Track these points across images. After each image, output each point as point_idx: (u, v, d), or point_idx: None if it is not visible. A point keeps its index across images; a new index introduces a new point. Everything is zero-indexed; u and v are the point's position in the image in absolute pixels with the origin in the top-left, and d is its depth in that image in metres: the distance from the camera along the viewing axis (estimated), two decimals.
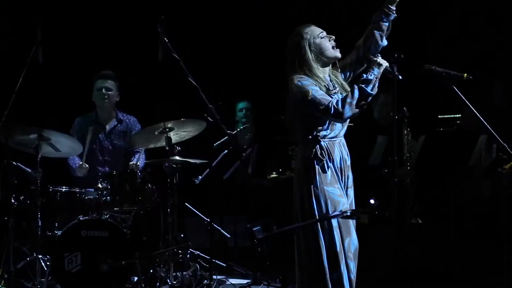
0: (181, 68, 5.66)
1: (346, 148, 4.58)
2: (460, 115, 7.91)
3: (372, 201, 6.03)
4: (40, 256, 5.76)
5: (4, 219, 5.87)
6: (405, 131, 7.25)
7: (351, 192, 4.56)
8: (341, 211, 4.03)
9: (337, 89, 4.49)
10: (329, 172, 4.42)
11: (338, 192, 4.43)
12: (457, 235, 7.14)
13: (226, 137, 6.43)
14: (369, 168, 7.22)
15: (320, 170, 4.41)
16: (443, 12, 9.08)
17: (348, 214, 4.03)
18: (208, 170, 6.45)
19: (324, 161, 4.41)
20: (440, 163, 7.50)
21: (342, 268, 4.33)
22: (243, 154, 7.03)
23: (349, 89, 4.48)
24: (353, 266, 4.39)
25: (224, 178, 6.78)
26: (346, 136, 4.65)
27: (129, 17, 8.62)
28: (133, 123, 6.62)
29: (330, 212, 4.34)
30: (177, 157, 6.06)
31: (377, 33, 4.56)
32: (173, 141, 6.01)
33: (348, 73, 4.63)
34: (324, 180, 4.40)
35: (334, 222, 4.34)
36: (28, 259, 5.84)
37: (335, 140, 4.51)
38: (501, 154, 4.99)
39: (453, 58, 8.43)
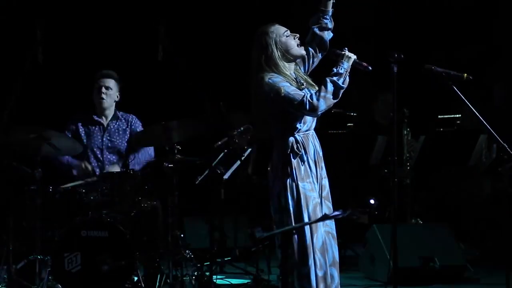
0: (181, 67, 5.66)
1: (318, 140, 4.65)
2: (460, 115, 7.91)
3: (372, 201, 6.00)
4: (40, 256, 5.75)
5: (4, 219, 5.87)
6: (405, 131, 7.25)
7: (326, 182, 4.63)
8: (341, 210, 4.03)
9: (304, 84, 4.53)
10: (302, 167, 4.49)
11: (309, 187, 4.49)
12: (457, 235, 7.13)
13: (226, 137, 6.43)
14: (369, 168, 7.22)
15: (296, 165, 4.49)
16: (443, 12, 9.09)
17: (348, 213, 4.03)
18: (208, 170, 6.44)
19: (301, 155, 4.49)
20: (440, 163, 7.50)
21: (310, 263, 4.40)
22: (243, 154, 7.02)
23: (313, 83, 4.55)
24: (320, 262, 4.43)
25: (224, 178, 6.77)
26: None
27: (129, 17, 8.63)
28: (133, 120, 6.61)
29: (303, 207, 4.42)
30: (177, 157, 6.05)
31: (318, 32, 4.68)
32: (174, 140, 6.00)
33: (306, 67, 4.71)
34: (299, 175, 4.48)
35: (305, 217, 4.40)
36: (28, 259, 5.83)
37: (308, 133, 4.58)
38: (501, 154, 4.98)
39: (453, 58, 8.45)
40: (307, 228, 4.41)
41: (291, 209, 4.45)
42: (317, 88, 4.50)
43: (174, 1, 8.77)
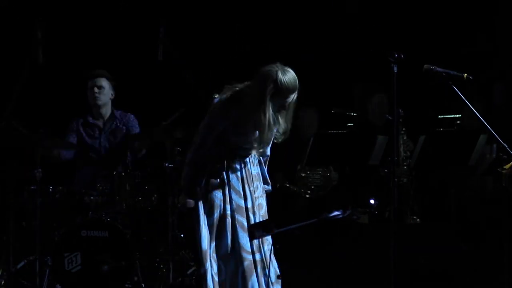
0: (181, 67, 5.66)
1: (262, 164, 4.70)
2: (460, 115, 7.91)
3: (372, 201, 6.02)
4: (40, 256, 5.75)
5: (4, 219, 5.87)
6: (401, 131, 7.25)
7: (262, 201, 4.68)
8: (341, 210, 4.03)
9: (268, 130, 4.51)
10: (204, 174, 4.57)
11: (221, 197, 4.55)
12: (457, 235, 7.14)
13: None
14: (369, 168, 7.22)
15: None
16: (443, 12, 9.09)
17: (348, 213, 4.03)
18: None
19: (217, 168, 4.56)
20: (440, 163, 7.49)
21: (207, 266, 4.50)
22: None
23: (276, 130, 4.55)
24: (220, 268, 4.52)
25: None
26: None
27: (129, 17, 8.62)
28: (130, 120, 6.61)
29: (208, 213, 4.52)
30: (177, 157, 6.05)
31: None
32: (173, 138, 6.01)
33: None
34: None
35: (205, 222, 4.51)
36: (28, 259, 5.84)
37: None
38: (501, 154, 4.99)
39: (453, 58, 8.44)
40: (205, 233, 4.50)
41: (199, 209, 4.55)
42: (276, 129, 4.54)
43: (174, 1, 8.77)
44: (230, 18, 9.03)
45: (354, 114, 7.63)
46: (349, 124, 7.64)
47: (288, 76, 4.41)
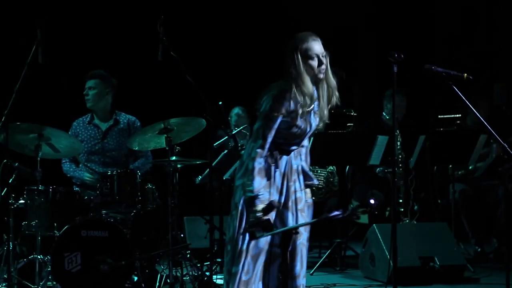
0: (181, 68, 5.66)
1: (302, 155, 4.65)
2: (460, 115, 7.92)
3: (372, 201, 6.03)
4: (40, 256, 5.75)
5: (4, 219, 5.87)
6: (397, 132, 7.25)
7: (302, 194, 4.64)
8: (341, 210, 4.02)
9: (314, 106, 4.51)
10: (265, 178, 4.50)
11: (268, 196, 4.50)
12: (456, 235, 7.14)
13: (226, 137, 6.44)
14: (369, 168, 7.22)
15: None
16: (444, 13, 9.10)
17: (348, 213, 4.03)
18: (208, 170, 6.45)
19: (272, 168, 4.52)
20: (440, 163, 7.50)
21: (240, 266, 4.49)
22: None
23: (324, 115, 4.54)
24: (249, 267, 4.51)
25: (224, 178, 6.78)
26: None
27: (129, 17, 8.64)
28: (131, 122, 6.60)
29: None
30: (177, 157, 6.06)
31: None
32: (173, 141, 6.00)
33: None
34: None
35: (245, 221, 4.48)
36: (28, 259, 5.83)
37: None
38: (501, 154, 5.00)
39: (453, 58, 8.46)
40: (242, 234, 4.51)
41: (239, 206, 4.51)
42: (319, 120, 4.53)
43: (175, 0, 8.78)
44: (230, 19, 9.04)
45: (354, 114, 7.62)
46: (349, 124, 7.63)
47: (304, 32, 4.50)
